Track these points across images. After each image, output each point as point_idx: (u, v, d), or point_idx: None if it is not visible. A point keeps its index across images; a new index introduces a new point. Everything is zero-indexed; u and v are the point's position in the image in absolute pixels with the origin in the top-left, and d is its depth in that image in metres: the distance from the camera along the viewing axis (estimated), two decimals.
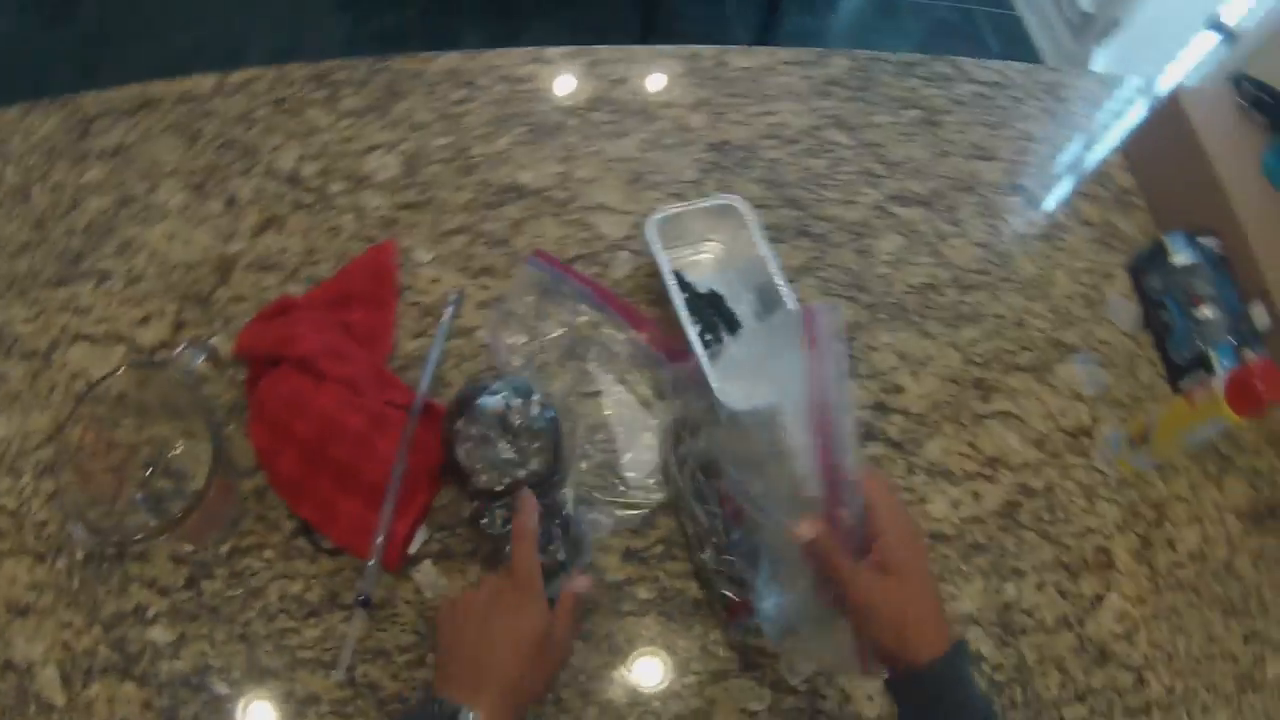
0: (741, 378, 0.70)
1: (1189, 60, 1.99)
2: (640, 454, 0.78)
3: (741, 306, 0.86)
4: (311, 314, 0.77)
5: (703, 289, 0.85)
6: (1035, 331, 0.95)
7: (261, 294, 0.81)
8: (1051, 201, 1.04)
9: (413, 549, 0.72)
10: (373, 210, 0.86)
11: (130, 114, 0.88)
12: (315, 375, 0.72)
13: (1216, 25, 1.86)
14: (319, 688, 0.68)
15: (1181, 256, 0.96)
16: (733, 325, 0.85)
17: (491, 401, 0.70)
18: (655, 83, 0.99)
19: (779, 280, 0.81)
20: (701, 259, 0.88)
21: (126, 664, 0.68)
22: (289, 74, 0.93)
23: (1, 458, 0.72)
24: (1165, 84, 1.12)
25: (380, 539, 0.69)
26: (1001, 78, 1.12)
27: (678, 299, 0.79)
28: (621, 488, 0.76)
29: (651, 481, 0.77)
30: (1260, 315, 0.93)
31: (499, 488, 0.69)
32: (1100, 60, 2.43)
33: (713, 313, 0.84)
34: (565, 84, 0.97)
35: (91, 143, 0.86)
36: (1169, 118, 1.03)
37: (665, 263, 0.80)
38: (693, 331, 0.78)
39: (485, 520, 0.70)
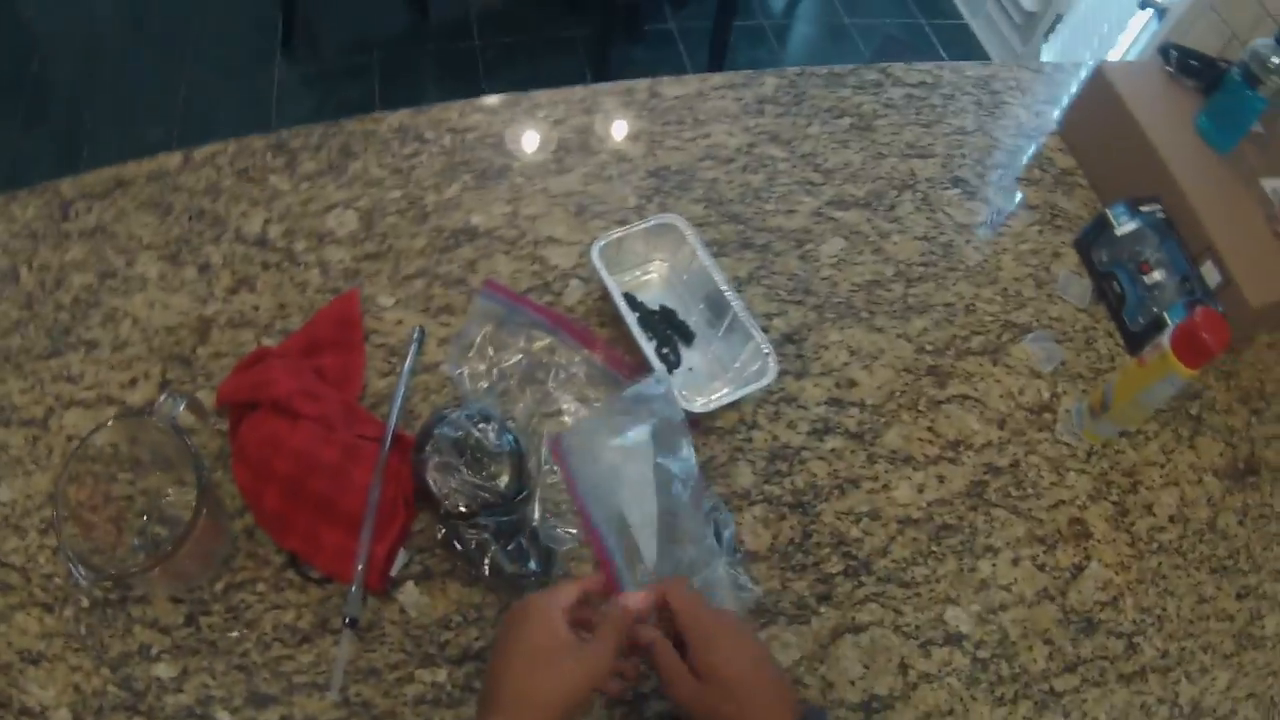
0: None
1: (1126, 41, 2.09)
2: None
3: (693, 317, 0.93)
4: (285, 361, 0.84)
5: (654, 306, 0.92)
6: (986, 316, 1.01)
7: (239, 349, 0.87)
8: (991, 190, 1.10)
9: (394, 571, 0.78)
10: (336, 263, 0.94)
11: (105, 195, 0.96)
12: (290, 415, 0.78)
13: (1148, 3, 1.96)
14: (315, 709, 0.73)
15: (1125, 226, 1.01)
16: (687, 336, 0.92)
17: (451, 430, 0.77)
18: (592, 120, 1.07)
19: (724, 288, 0.89)
20: (650, 278, 0.95)
21: (134, 700, 0.73)
22: (249, 145, 1.02)
23: (7, 519, 0.79)
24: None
25: (361, 563, 0.75)
26: (931, 78, 1.19)
27: (628, 317, 0.86)
28: None
29: None
30: (1210, 272, 0.98)
31: (465, 509, 0.76)
32: (1048, 55, 2.53)
33: (665, 327, 0.91)
34: (507, 129, 1.04)
35: (71, 224, 0.93)
36: (1098, 93, 1.10)
37: (612, 284, 0.87)
38: (647, 346, 0.85)
39: (456, 541, 0.77)
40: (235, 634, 0.76)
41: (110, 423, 0.74)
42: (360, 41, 2.41)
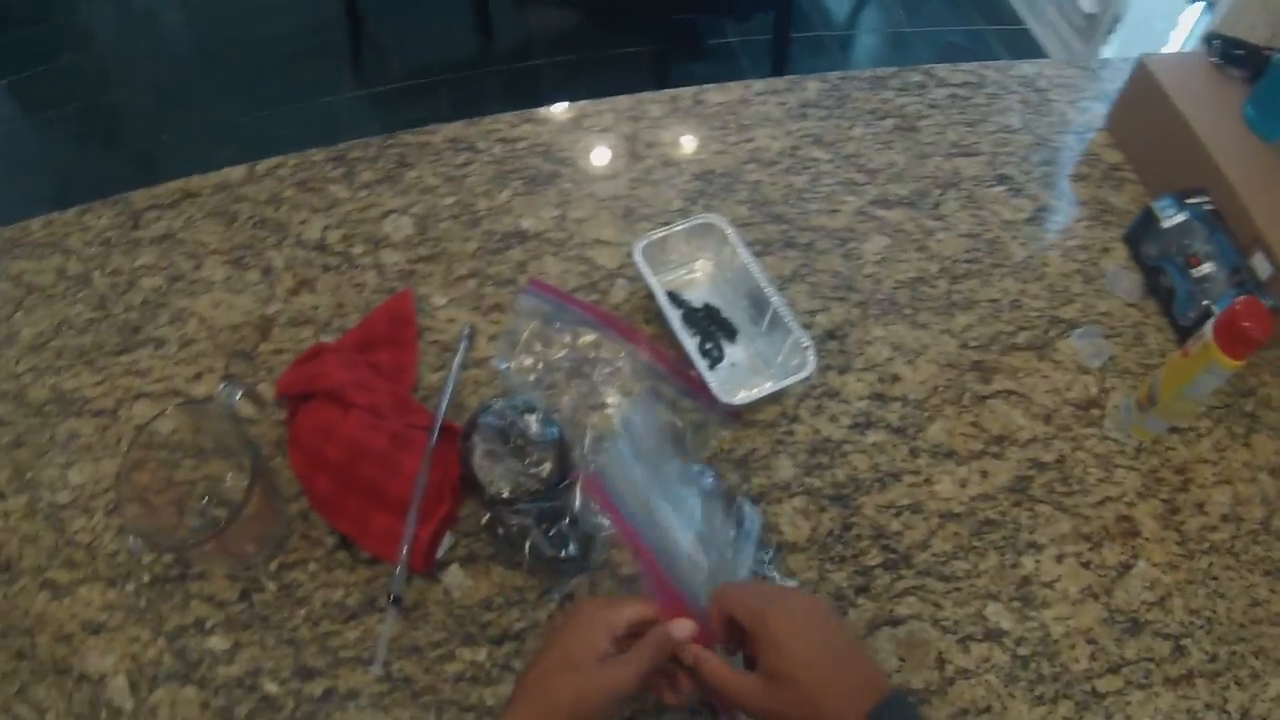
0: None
1: (1180, 37, 2.07)
2: None
3: (737, 314, 0.95)
4: (340, 355, 0.88)
5: (698, 304, 0.95)
6: (1032, 311, 1.01)
7: (298, 345, 0.92)
8: (1037, 186, 1.10)
9: (440, 554, 0.81)
10: (392, 266, 0.99)
11: (174, 205, 1.02)
12: (343, 405, 0.83)
13: None
14: (359, 683, 0.76)
15: (1171, 219, 0.99)
16: (731, 332, 0.94)
17: (496, 419, 0.80)
18: (638, 127, 1.10)
19: (765, 285, 0.91)
20: (695, 277, 0.97)
21: (187, 670, 0.77)
22: (310, 158, 1.07)
23: (77, 500, 0.84)
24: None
25: (406, 544, 0.79)
26: (976, 78, 1.19)
27: (670, 313, 0.89)
28: None
29: None
30: (1261, 264, 0.96)
31: (507, 495, 0.78)
32: (1107, 55, 2.51)
33: (709, 323, 0.93)
34: (556, 138, 1.08)
35: (142, 232, 1.00)
36: (1142, 87, 1.09)
37: (654, 281, 0.89)
38: (689, 343, 0.88)
39: (499, 526, 0.79)
40: (286, 609, 0.80)
41: (170, 410, 0.79)
42: (426, 64, 2.49)
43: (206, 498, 0.83)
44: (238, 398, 0.83)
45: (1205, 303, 0.98)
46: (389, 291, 0.97)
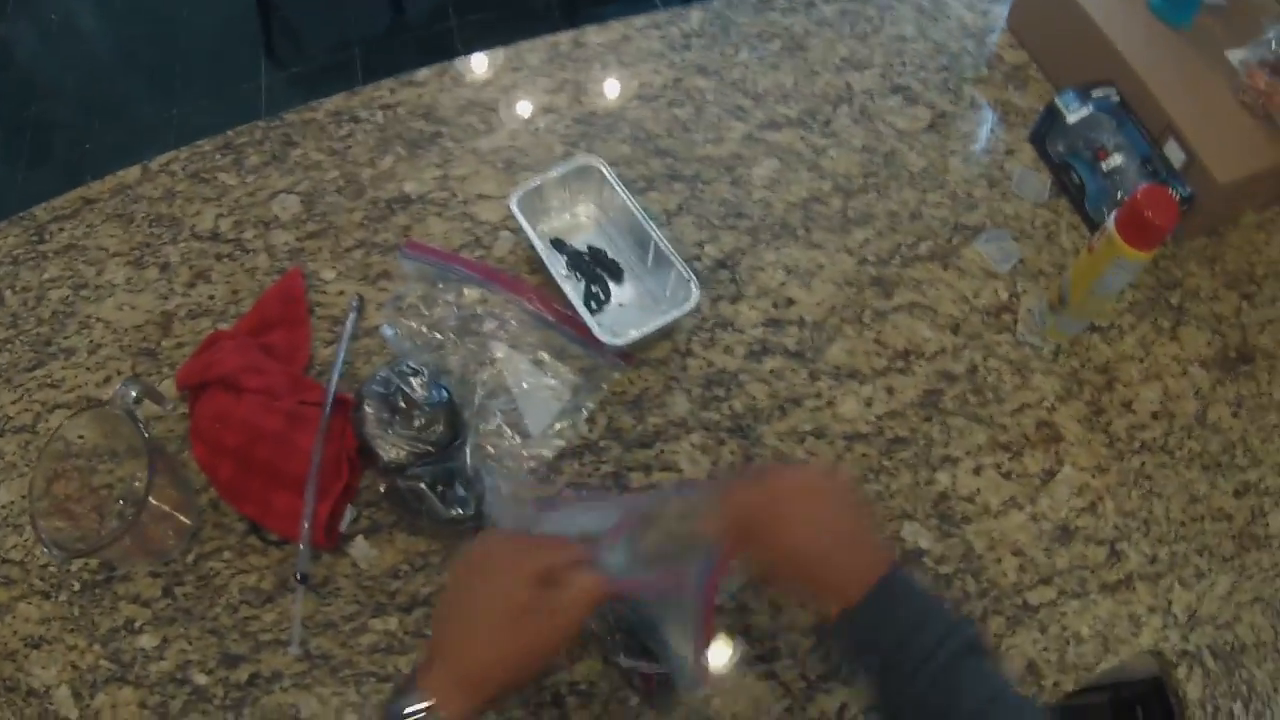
0: None
1: None
2: (538, 409, 0.86)
3: (624, 254, 0.94)
4: (234, 341, 0.89)
5: (582, 247, 0.94)
6: (934, 220, 0.99)
7: (198, 337, 0.92)
8: (936, 94, 1.08)
9: (343, 527, 0.82)
10: (282, 246, 0.98)
11: (75, 214, 1.01)
12: (236, 390, 0.83)
13: None
14: (280, 664, 0.78)
15: (1076, 113, 0.97)
16: (617, 273, 0.93)
17: (381, 387, 0.80)
18: (518, 77, 1.08)
19: (645, 222, 0.90)
20: (579, 221, 0.96)
21: (123, 671, 0.79)
22: (199, 149, 1.06)
23: (7, 518, 0.85)
24: None
25: (307, 522, 0.80)
26: None
27: (550, 260, 0.88)
28: (524, 441, 0.85)
29: (550, 433, 0.85)
30: (1174, 151, 0.94)
31: (399, 461, 0.79)
32: None
33: (595, 266, 0.93)
34: (437, 99, 1.07)
35: (47, 245, 1.00)
36: None
37: (530, 230, 0.89)
38: (570, 288, 0.87)
39: (396, 492, 0.80)
40: (206, 599, 0.82)
41: (67, 419, 0.80)
42: (340, 40, 2.48)
43: (122, 500, 0.85)
44: (134, 396, 0.84)
45: (1119, 195, 0.96)
46: (280, 272, 0.97)
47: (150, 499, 0.76)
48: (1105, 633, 0.81)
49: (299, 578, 0.80)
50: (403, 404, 0.81)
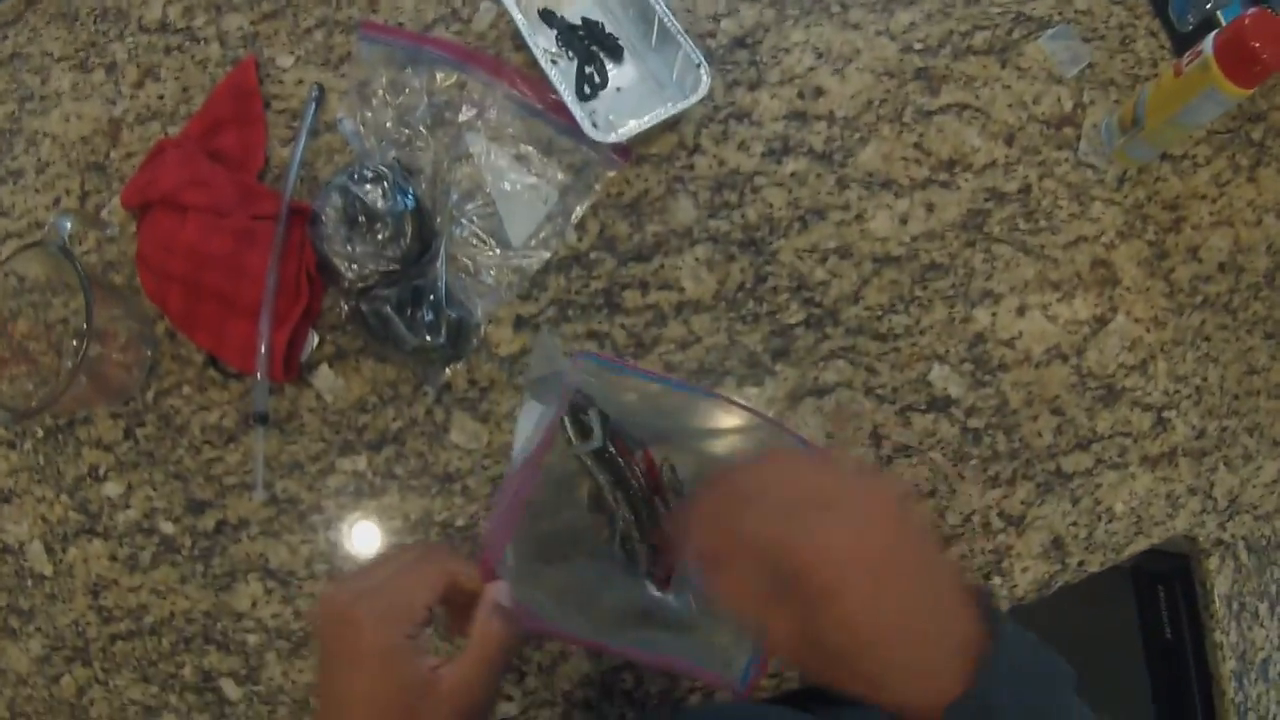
0: None
1: None
2: (520, 212, 0.72)
3: (625, 28, 0.76)
4: (179, 151, 0.76)
5: (574, 19, 0.76)
6: (993, 7, 0.78)
7: (149, 144, 0.80)
8: None
9: (305, 355, 0.71)
10: (235, 32, 0.82)
11: (17, 20, 0.89)
12: (179, 210, 0.71)
13: None
14: (247, 510, 0.70)
15: None
16: (616, 51, 0.75)
17: (340, 195, 0.67)
18: None
19: None
20: None
21: (91, 523, 0.73)
22: None
23: None
24: None
25: (262, 352, 0.69)
26: None
27: (533, 36, 0.71)
28: (504, 251, 0.71)
29: (534, 241, 0.71)
30: None
31: (363, 280, 0.67)
32: None
33: (590, 42, 0.75)
34: None
35: None
36: None
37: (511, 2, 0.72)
38: (554, 71, 0.71)
39: (359, 315, 0.69)
40: (168, 440, 0.73)
41: (11, 257, 0.71)
42: None
43: (76, 338, 0.76)
44: (68, 228, 0.73)
45: (1209, 6, 0.77)
46: (234, 63, 0.82)
47: (97, 335, 0.68)
48: (1140, 511, 0.70)
49: (257, 418, 0.69)
50: (363, 215, 0.67)
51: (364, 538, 0.70)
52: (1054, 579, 0.69)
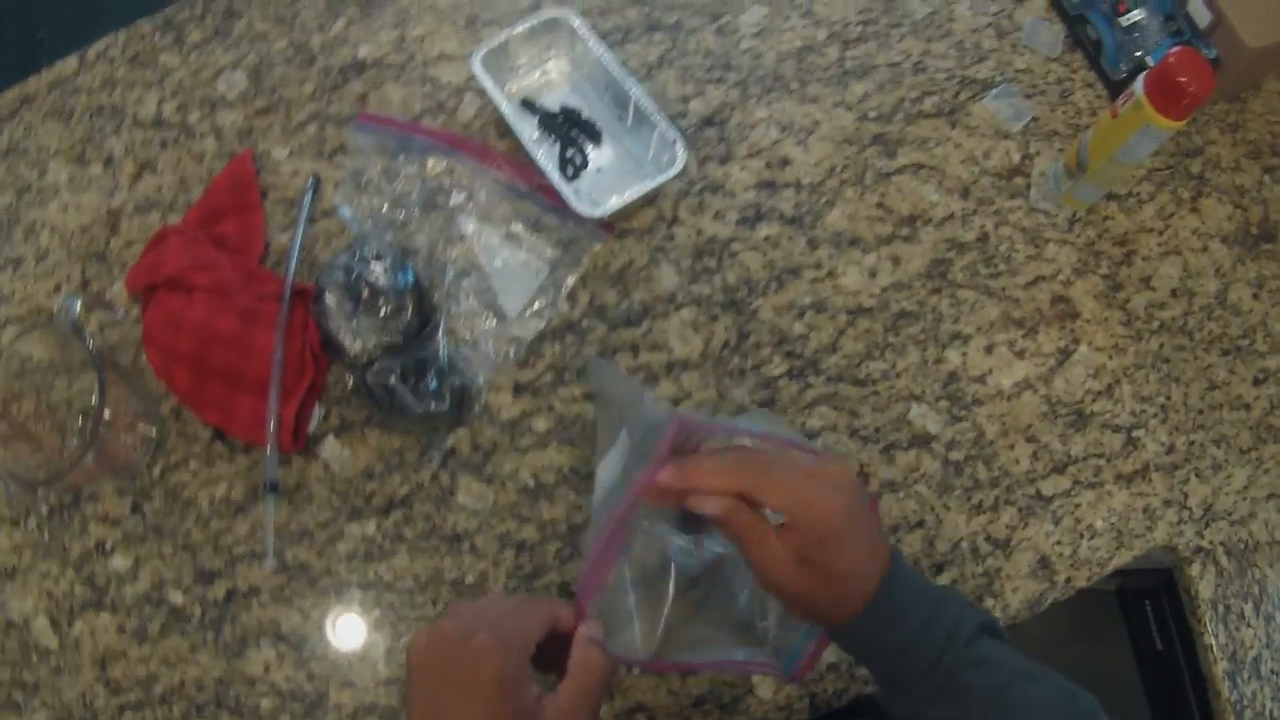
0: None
1: None
2: (514, 286, 0.74)
3: (601, 113, 0.79)
4: (182, 236, 0.76)
5: (554, 107, 0.79)
6: (939, 73, 0.83)
7: (148, 233, 0.79)
8: None
9: (312, 427, 0.71)
10: (229, 126, 0.83)
11: (13, 115, 0.88)
12: (185, 290, 0.71)
13: None
14: (257, 578, 0.69)
15: None
16: (594, 134, 0.78)
17: (343, 274, 0.68)
18: None
19: (622, 77, 0.75)
20: (550, 79, 0.81)
21: (98, 596, 0.70)
22: (138, 30, 0.90)
23: None
24: None
25: (271, 425, 0.69)
26: None
27: (517, 123, 0.74)
28: (500, 322, 0.73)
29: (528, 312, 0.73)
30: (1199, 10, 0.79)
31: (367, 354, 0.67)
32: None
33: (570, 127, 0.78)
34: None
35: None
36: None
37: (495, 90, 0.74)
38: (540, 154, 0.73)
39: (365, 388, 0.69)
40: (176, 514, 0.72)
41: (16, 339, 0.70)
42: None
43: (81, 416, 0.74)
44: (76, 310, 0.72)
45: (1138, 54, 0.82)
46: (229, 155, 0.83)
47: (106, 412, 0.66)
48: (1120, 526, 0.72)
49: (268, 487, 0.69)
50: (366, 292, 0.68)
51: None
52: (1044, 596, 0.70)
